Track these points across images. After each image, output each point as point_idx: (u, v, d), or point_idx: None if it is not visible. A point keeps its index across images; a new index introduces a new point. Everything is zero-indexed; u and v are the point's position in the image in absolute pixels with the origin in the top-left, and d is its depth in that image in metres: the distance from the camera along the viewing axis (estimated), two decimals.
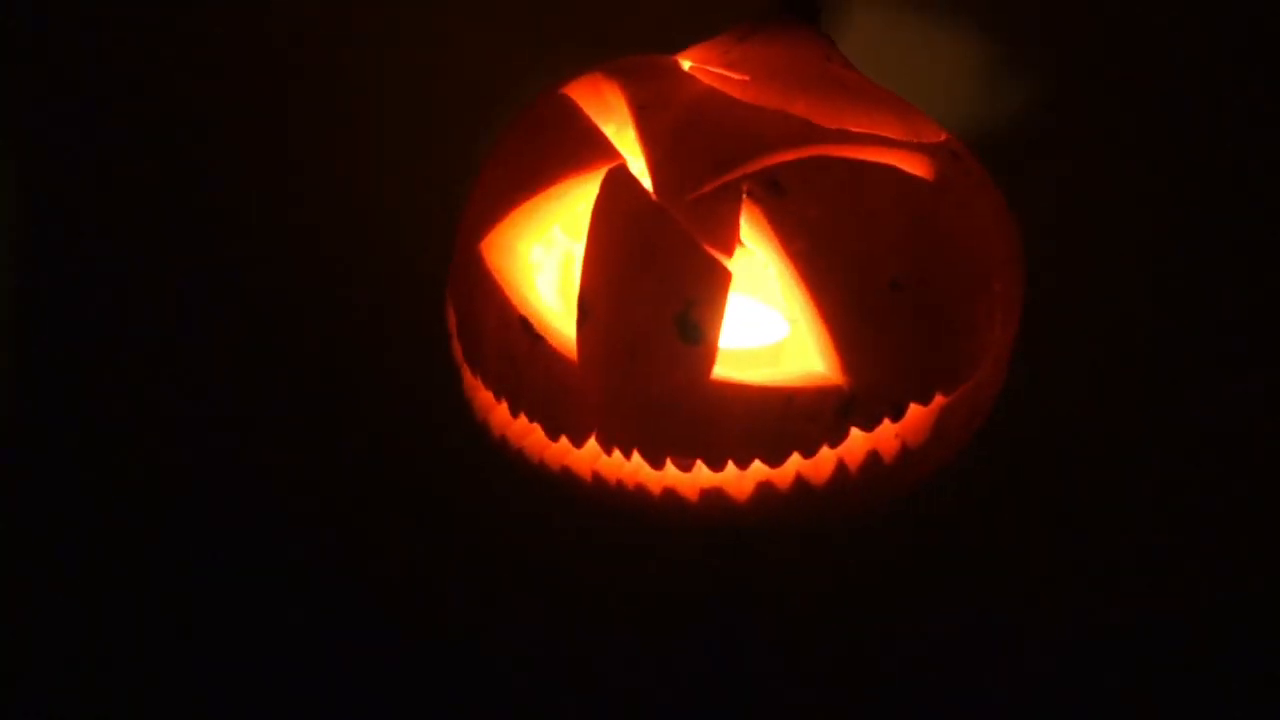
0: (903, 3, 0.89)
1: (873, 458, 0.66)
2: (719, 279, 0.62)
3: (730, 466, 0.65)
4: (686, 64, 0.70)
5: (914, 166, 0.65)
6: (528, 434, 0.69)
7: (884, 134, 0.66)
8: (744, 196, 0.63)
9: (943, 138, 0.69)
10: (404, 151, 0.94)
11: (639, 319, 0.63)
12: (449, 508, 1.00)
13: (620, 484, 0.67)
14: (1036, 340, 0.78)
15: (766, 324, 0.73)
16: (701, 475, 0.65)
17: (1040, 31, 0.89)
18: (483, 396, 0.70)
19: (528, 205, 0.68)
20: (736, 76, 0.68)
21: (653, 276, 0.63)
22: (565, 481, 0.68)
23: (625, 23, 0.90)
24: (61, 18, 0.92)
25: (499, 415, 0.69)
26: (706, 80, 0.68)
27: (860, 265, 0.63)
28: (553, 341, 0.66)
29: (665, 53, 0.71)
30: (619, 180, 0.64)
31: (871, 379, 0.64)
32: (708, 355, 0.63)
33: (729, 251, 0.63)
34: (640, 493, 0.67)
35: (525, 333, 0.66)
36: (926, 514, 0.94)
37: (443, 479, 0.99)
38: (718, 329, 0.63)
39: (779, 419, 0.64)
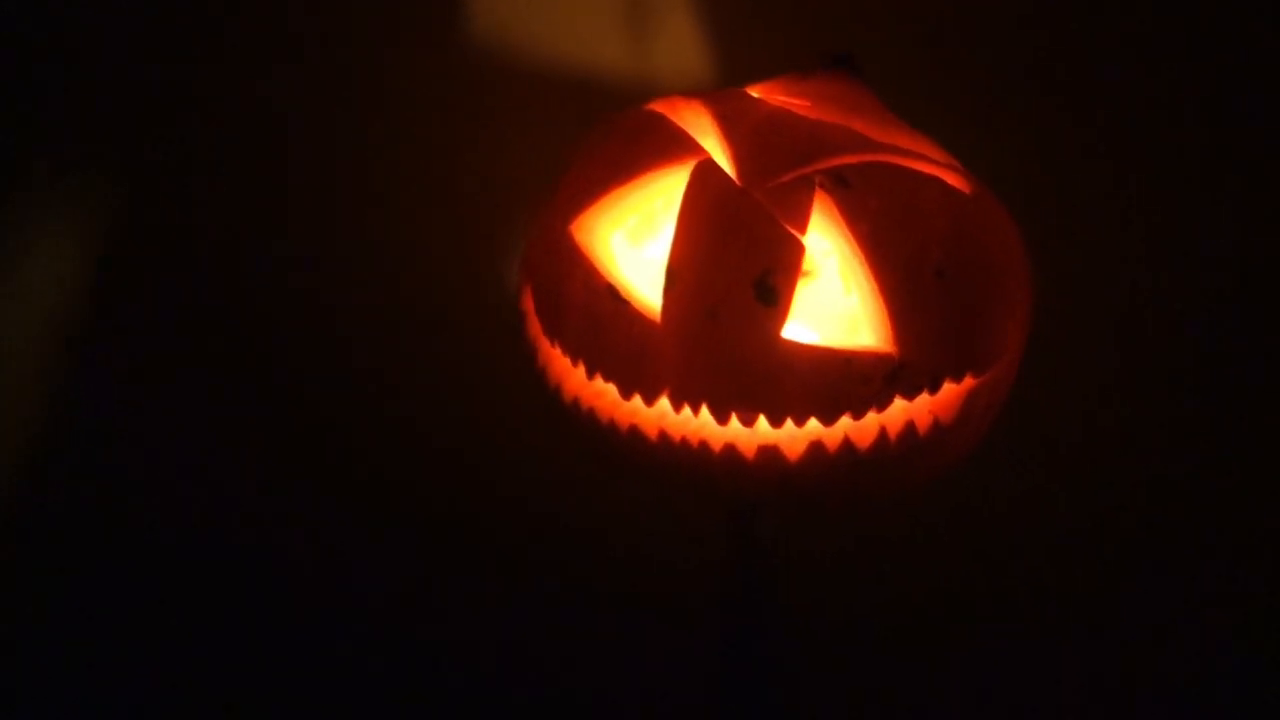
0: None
1: (909, 429, 0.75)
2: (794, 249, 0.72)
3: (788, 424, 0.73)
4: (754, 94, 0.82)
5: (954, 181, 0.77)
6: (600, 395, 0.76)
7: (929, 154, 0.78)
8: (816, 187, 0.73)
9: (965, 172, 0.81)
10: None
11: (721, 283, 0.72)
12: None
13: (684, 441, 0.75)
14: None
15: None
16: (761, 432, 0.74)
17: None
18: (559, 364, 0.78)
19: (617, 192, 0.77)
20: (799, 102, 0.79)
21: (736, 247, 0.72)
22: (631, 441, 0.76)
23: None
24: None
25: (574, 379, 0.77)
26: (773, 103, 0.79)
27: (911, 251, 0.73)
28: (636, 305, 0.75)
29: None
30: (708, 169, 0.75)
31: (916, 351, 0.73)
32: (780, 316, 0.72)
33: (802, 229, 0.73)
34: (703, 449, 0.75)
35: (611, 298, 0.75)
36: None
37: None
38: (791, 294, 0.72)
39: (838, 379, 0.73)
